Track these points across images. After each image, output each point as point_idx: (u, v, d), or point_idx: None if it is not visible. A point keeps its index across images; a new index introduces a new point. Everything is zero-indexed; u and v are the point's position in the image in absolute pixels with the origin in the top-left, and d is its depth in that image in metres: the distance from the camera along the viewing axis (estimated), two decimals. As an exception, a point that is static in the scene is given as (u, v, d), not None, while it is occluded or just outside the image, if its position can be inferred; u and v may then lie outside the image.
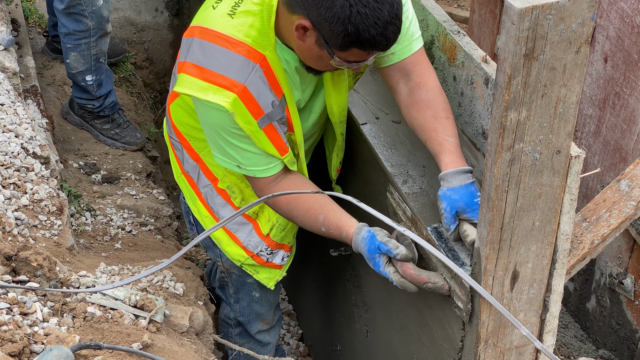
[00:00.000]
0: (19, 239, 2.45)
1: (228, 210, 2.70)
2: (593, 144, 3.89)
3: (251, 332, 3.07)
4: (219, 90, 2.25)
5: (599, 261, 3.97)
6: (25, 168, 2.79)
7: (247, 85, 2.26)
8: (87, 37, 3.77)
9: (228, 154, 2.40)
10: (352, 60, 2.23)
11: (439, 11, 2.54)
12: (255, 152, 2.37)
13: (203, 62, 2.28)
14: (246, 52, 2.26)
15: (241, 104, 2.26)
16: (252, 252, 2.75)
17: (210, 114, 2.32)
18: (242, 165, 2.41)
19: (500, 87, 1.80)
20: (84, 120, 4.06)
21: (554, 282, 2.14)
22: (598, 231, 2.65)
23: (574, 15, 1.74)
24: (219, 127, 2.34)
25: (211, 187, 2.71)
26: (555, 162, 1.93)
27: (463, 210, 2.20)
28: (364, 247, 2.32)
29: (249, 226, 2.72)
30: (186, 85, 2.29)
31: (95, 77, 3.88)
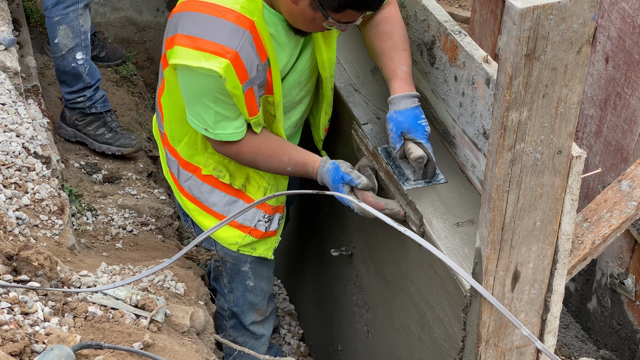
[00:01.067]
0: (20, 238, 2.45)
1: (216, 194, 2.75)
2: (594, 144, 3.89)
3: (245, 323, 3.08)
4: (211, 56, 2.31)
5: (600, 261, 3.97)
6: (26, 168, 2.79)
7: (238, 51, 2.32)
8: (75, 3, 3.74)
9: (200, 116, 2.47)
10: (344, 20, 2.33)
11: (440, 11, 2.54)
12: (227, 116, 2.45)
13: (194, 31, 2.34)
14: (236, 19, 2.33)
15: (232, 69, 2.32)
16: (249, 227, 2.77)
17: (199, 80, 2.37)
18: (210, 129, 2.48)
19: (501, 87, 1.80)
20: (77, 129, 3.96)
21: (555, 283, 2.14)
22: (599, 231, 2.65)
23: (575, 16, 1.74)
24: (203, 92, 2.40)
25: (194, 177, 2.76)
26: (556, 163, 1.93)
27: (407, 131, 2.41)
28: (329, 178, 2.47)
29: (239, 202, 2.75)
30: (179, 56, 2.36)
31: (85, 57, 3.82)
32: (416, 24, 2.64)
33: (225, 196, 2.75)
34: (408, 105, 2.44)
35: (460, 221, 2.39)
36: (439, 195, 2.46)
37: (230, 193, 2.74)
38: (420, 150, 2.41)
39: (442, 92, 2.53)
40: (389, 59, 2.53)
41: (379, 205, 2.39)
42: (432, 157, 2.43)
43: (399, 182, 2.43)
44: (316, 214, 3.32)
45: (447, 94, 2.50)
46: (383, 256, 2.73)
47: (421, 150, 2.41)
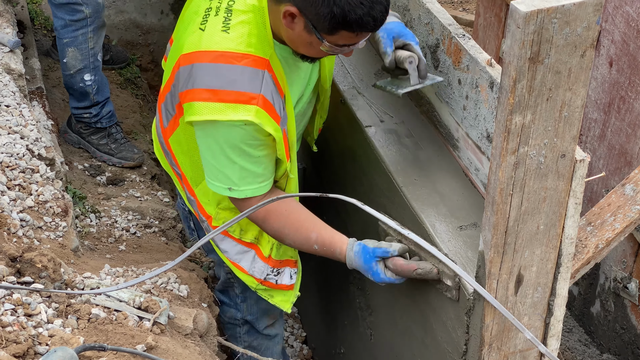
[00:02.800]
0: (23, 240, 2.45)
1: (227, 242, 2.68)
2: (598, 148, 3.89)
3: (259, 329, 3.05)
4: (237, 106, 2.23)
5: (604, 265, 3.97)
6: (30, 169, 2.80)
7: (263, 93, 2.25)
8: (85, 26, 3.68)
9: (224, 175, 2.37)
10: (342, 44, 2.23)
11: (444, 14, 2.54)
12: (253, 170, 2.36)
13: (213, 84, 2.24)
14: (253, 62, 2.25)
15: (264, 112, 2.25)
16: (259, 279, 2.71)
17: (226, 134, 2.28)
18: (235, 187, 2.38)
19: (505, 91, 1.80)
20: (81, 137, 3.96)
21: (559, 286, 2.14)
22: (603, 235, 2.65)
23: (579, 19, 1.74)
24: (229, 146, 2.30)
25: (207, 223, 2.69)
26: (560, 166, 1.93)
27: (398, 35, 2.48)
28: (360, 259, 2.36)
29: (251, 253, 2.68)
30: (201, 112, 2.26)
31: (94, 78, 3.79)
32: (420, 27, 2.64)
33: (236, 245, 2.68)
34: (394, 20, 2.52)
35: (463, 224, 2.39)
36: (442, 198, 2.46)
37: (241, 243, 2.68)
38: (407, 52, 2.48)
39: (445, 95, 2.53)
40: None
41: (410, 266, 2.29)
42: (422, 57, 2.45)
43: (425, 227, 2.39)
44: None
45: (451, 97, 2.50)
46: (386, 259, 2.73)
47: (408, 52, 2.47)
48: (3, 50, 3.42)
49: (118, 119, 4.09)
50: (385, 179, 2.62)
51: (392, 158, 2.61)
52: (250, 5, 2.31)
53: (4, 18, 3.65)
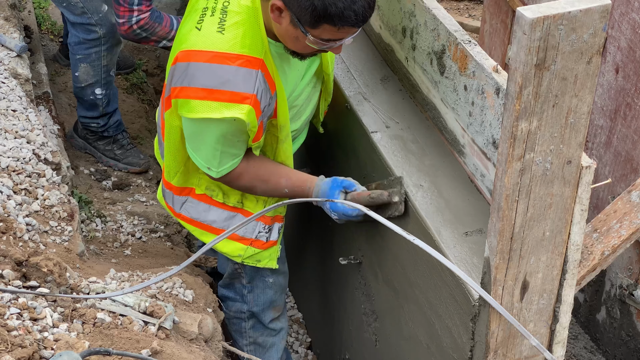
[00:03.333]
0: (29, 244, 2.46)
1: (214, 212, 2.76)
2: (604, 155, 3.88)
3: (264, 322, 3.09)
4: (232, 105, 2.33)
5: (609, 272, 3.96)
6: (36, 174, 2.80)
7: (256, 93, 2.34)
8: (98, 45, 3.71)
9: (205, 156, 2.51)
10: (326, 38, 2.29)
11: (450, 21, 2.54)
12: (230, 152, 2.50)
13: (208, 83, 2.33)
14: (247, 63, 2.33)
15: (253, 112, 2.35)
16: (250, 239, 2.78)
17: (219, 129, 2.40)
18: (214, 168, 2.52)
19: (511, 97, 1.80)
20: (87, 142, 3.97)
21: (564, 293, 2.13)
22: (608, 242, 2.64)
23: (585, 26, 1.74)
24: (218, 139, 2.44)
25: (189, 199, 2.76)
26: (566, 173, 1.92)
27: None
28: (327, 186, 2.56)
29: (238, 216, 2.76)
30: (197, 110, 2.36)
31: (105, 92, 3.80)
32: (426, 33, 2.64)
33: (223, 212, 2.76)
34: None
35: (469, 230, 2.39)
36: (447, 204, 2.46)
37: (227, 209, 2.76)
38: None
39: (451, 101, 2.54)
40: None
41: (364, 193, 2.49)
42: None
43: None
44: (324, 222, 3.32)
45: (457, 103, 2.50)
46: (391, 265, 2.73)
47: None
48: (10, 55, 3.43)
49: (124, 124, 4.10)
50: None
51: (398, 164, 2.61)
52: (244, 7, 2.38)
53: (10, 23, 3.67)
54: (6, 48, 3.46)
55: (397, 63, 2.90)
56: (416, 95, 2.80)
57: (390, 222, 2.21)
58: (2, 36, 3.49)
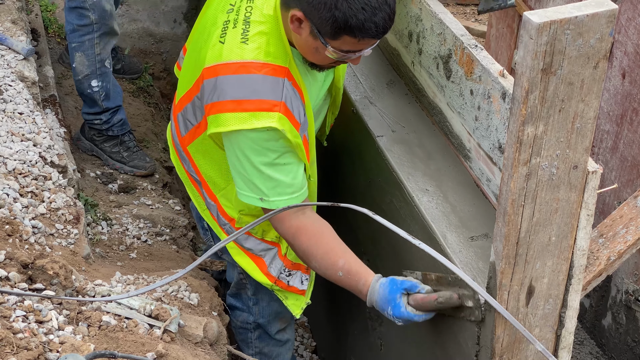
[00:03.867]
0: (35, 247, 2.46)
1: (251, 241, 2.70)
2: (610, 160, 3.88)
3: (271, 333, 3.05)
4: (261, 114, 2.27)
5: (615, 278, 3.95)
6: (42, 177, 2.81)
7: (285, 101, 2.29)
8: (91, 32, 3.74)
9: (254, 185, 2.38)
10: (346, 49, 2.26)
11: (457, 25, 2.54)
12: (280, 180, 2.37)
13: (236, 95, 2.29)
14: (272, 71, 2.30)
15: (286, 119, 2.29)
16: (274, 277, 2.72)
17: (253, 142, 2.32)
18: (266, 197, 2.39)
19: (517, 102, 1.80)
20: (94, 144, 3.99)
21: (570, 298, 2.13)
22: (614, 247, 2.64)
23: (592, 31, 1.74)
24: (256, 153, 2.33)
25: (230, 226, 2.71)
26: (572, 178, 1.92)
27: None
28: (386, 289, 2.30)
29: (274, 250, 2.70)
30: (227, 123, 2.31)
31: (101, 84, 3.82)
32: (432, 38, 2.64)
33: (260, 243, 2.70)
34: None
35: (474, 235, 2.38)
36: (453, 208, 2.46)
37: (265, 241, 2.70)
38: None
39: (457, 105, 2.53)
40: None
41: (431, 297, 2.26)
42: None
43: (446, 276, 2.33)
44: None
45: (463, 107, 2.50)
46: (397, 269, 2.73)
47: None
48: (17, 57, 3.44)
49: (131, 127, 4.11)
50: (396, 189, 2.62)
51: (404, 168, 2.61)
52: (267, 16, 2.34)
53: (18, 26, 3.68)
54: (13, 51, 3.47)
55: (403, 67, 2.90)
56: (422, 99, 2.80)
57: (396, 226, 2.21)
58: (9, 39, 3.50)
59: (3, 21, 3.67)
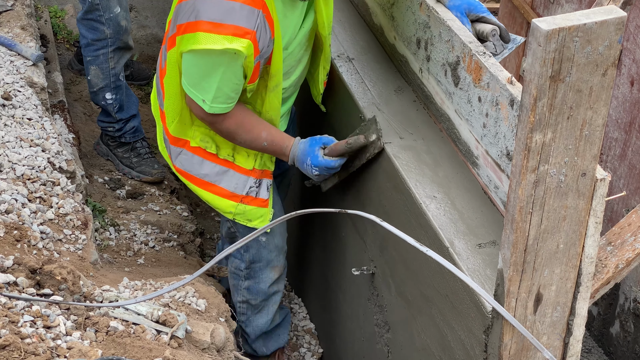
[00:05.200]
0: (43, 252, 2.47)
1: (207, 165, 2.89)
2: (618, 168, 3.87)
3: (261, 281, 3.19)
4: (234, 39, 2.48)
5: (623, 285, 3.94)
6: (51, 182, 2.82)
7: (256, 30, 2.50)
8: (105, 46, 3.79)
9: (202, 87, 2.61)
10: None
11: (465, 32, 2.54)
12: (227, 93, 2.61)
13: (214, 17, 2.49)
14: (250, 1, 2.49)
15: (252, 47, 2.50)
16: (240, 195, 2.90)
17: (218, 60, 2.53)
18: (208, 102, 2.63)
19: (525, 109, 1.80)
20: (109, 148, 4.05)
21: (578, 306, 2.12)
22: (623, 255, 2.63)
23: (600, 38, 1.74)
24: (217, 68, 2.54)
25: (184, 151, 2.90)
26: (580, 185, 1.92)
27: (468, 10, 2.67)
28: (306, 144, 2.71)
29: (229, 172, 2.88)
30: (202, 41, 2.50)
31: (115, 96, 3.87)
32: (441, 45, 2.64)
33: (215, 166, 2.88)
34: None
35: (482, 242, 2.38)
36: (461, 215, 2.46)
37: (220, 163, 2.88)
38: (489, 25, 2.70)
39: (465, 112, 2.53)
40: None
41: (341, 142, 2.64)
42: (501, 25, 2.69)
43: None
44: (337, 233, 3.32)
45: (471, 114, 2.49)
46: (404, 276, 2.73)
47: (490, 25, 2.69)
48: (26, 63, 3.45)
49: None
50: (404, 196, 2.61)
51: (411, 175, 2.61)
52: None
53: (27, 32, 3.69)
54: (22, 57, 3.49)
55: (411, 74, 2.90)
56: (430, 106, 2.80)
57: (403, 233, 2.21)
58: (18, 45, 3.52)
59: (12, 27, 3.68)
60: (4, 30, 3.65)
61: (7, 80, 3.29)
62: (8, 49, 3.50)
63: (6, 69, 3.36)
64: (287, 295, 3.99)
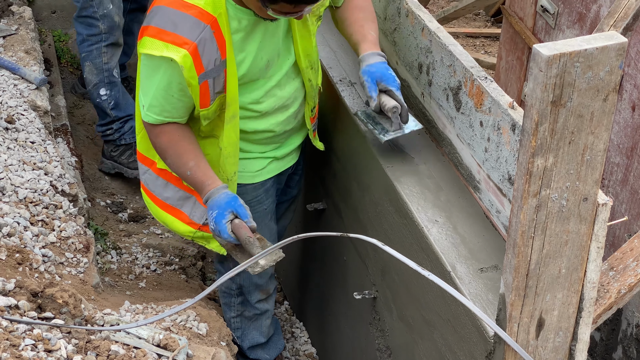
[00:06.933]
0: (45, 275, 2.47)
1: (170, 189, 2.87)
2: (620, 192, 3.87)
3: (252, 302, 3.23)
4: (171, 47, 2.49)
5: (626, 311, 3.92)
6: (53, 205, 2.82)
7: (197, 43, 2.48)
8: (99, 41, 3.89)
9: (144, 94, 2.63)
10: (285, 11, 2.45)
11: (467, 57, 2.56)
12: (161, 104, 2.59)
13: (161, 24, 2.52)
14: (198, 14, 2.49)
15: (190, 59, 2.48)
16: (198, 224, 2.86)
17: (158, 68, 2.54)
18: (144, 109, 2.63)
19: (527, 133, 1.80)
20: (113, 160, 4.09)
21: (580, 331, 2.12)
22: (625, 280, 2.62)
23: (601, 64, 1.75)
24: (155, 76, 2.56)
25: (150, 171, 2.89)
26: (582, 210, 1.92)
27: (380, 79, 2.68)
28: (225, 198, 2.58)
29: (192, 199, 2.85)
30: (145, 46, 2.54)
31: (109, 92, 3.96)
32: (442, 69, 2.65)
33: (179, 191, 2.86)
34: (378, 60, 2.73)
35: (484, 267, 2.38)
36: (463, 240, 2.46)
37: (184, 189, 2.85)
38: (393, 100, 2.67)
39: (467, 137, 2.54)
40: (359, 27, 2.82)
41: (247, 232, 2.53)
42: (404, 104, 2.67)
43: None
44: (339, 256, 3.31)
45: (473, 139, 2.50)
46: (406, 300, 2.72)
47: (394, 101, 2.66)
48: (30, 87, 3.47)
49: None
50: (406, 220, 2.61)
51: (413, 199, 2.61)
52: None
53: (31, 56, 3.71)
54: (26, 80, 3.51)
55: (413, 98, 2.91)
56: (432, 130, 2.81)
57: (405, 257, 2.21)
58: (22, 69, 3.54)
59: (16, 51, 3.70)
60: (9, 54, 3.67)
61: (10, 103, 3.30)
62: (12, 73, 3.52)
63: (10, 93, 3.38)
64: (289, 319, 3.98)
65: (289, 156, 3.01)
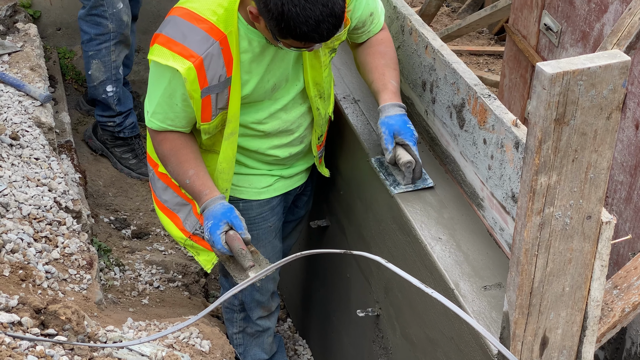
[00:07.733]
0: (48, 292, 2.46)
1: (169, 193, 2.89)
2: (624, 211, 3.86)
3: (252, 318, 3.24)
4: (178, 57, 2.50)
5: (630, 330, 3.91)
6: (57, 222, 2.83)
7: (203, 57, 2.49)
8: (107, 40, 3.96)
9: (149, 101, 2.66)
10: (295, 46, 2.46)
11: (470, 75, 2.56)
12: (165, 112, 2.61)
13: (171, 34, 2.54)
14: (209, 29, 2.50)
15: (194, 72, 2.49)
16: (189, 233, 2.88)
17: (163, 76, 2.56)
18: (148, 115, 2.66)
19: (530, 151, 1.81)
20: (105, 146, 4.19)
21: (584, 350, 2.11)
22: (629, 299, 2.61)
23: (605, 82, 1.75)
24: (160, 83, 2.58)
25: (153, 172, 2.93)
26: (585, 228, 1.92)
27: (398, 132, 2.64)
28: (221, 209, 2.60)
29: (188, 207, 2.87)
30: (154, 53, 2.56)
31: (115, 89, 4.05)
32: (446, 87, 2.66)
33: (176, 197, 2.88)
34: (397, 112, 2.68)
35: (488, 284, 2.37)
36: (466, 257, 2.45)
37: (181, 196, 2.87)
38: (408, 155, 2.62)
39: (470, 154, 2.54)
40: (380, 75, 2.78)
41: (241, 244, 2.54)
42: (419, 160, 2.64)
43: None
44: (343, 273, 3.31)
45: (476, 156, 2.50)
46: (409, 318, 2.71)
47: (409, 156, 2.62)
48: (34, 103, 3.48)
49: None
50: (409, 237, 2.61)
51: (417, 216, 2.61)
52: None
53: (36, 73, 3.73)
54: (31, 97, 3.52)
55: (417, 116, 2.92)
56: (435, 148, 2.81)
57: (408, 275, 2.20)
58: (27, 85, 3.55)
59: (21, 68, 3.72)
60: (14, 70, 3.69)
61: (15, 120, 3.31)
62: (17, 89, 3.54)
63: (14, 109, 3.39)
64: (292, 336, 3.97)
65: (296, 176, 3.01)
